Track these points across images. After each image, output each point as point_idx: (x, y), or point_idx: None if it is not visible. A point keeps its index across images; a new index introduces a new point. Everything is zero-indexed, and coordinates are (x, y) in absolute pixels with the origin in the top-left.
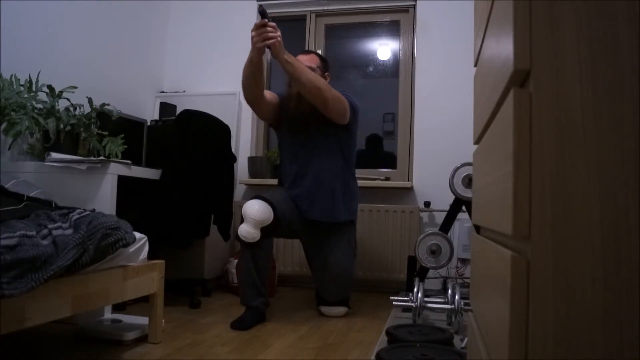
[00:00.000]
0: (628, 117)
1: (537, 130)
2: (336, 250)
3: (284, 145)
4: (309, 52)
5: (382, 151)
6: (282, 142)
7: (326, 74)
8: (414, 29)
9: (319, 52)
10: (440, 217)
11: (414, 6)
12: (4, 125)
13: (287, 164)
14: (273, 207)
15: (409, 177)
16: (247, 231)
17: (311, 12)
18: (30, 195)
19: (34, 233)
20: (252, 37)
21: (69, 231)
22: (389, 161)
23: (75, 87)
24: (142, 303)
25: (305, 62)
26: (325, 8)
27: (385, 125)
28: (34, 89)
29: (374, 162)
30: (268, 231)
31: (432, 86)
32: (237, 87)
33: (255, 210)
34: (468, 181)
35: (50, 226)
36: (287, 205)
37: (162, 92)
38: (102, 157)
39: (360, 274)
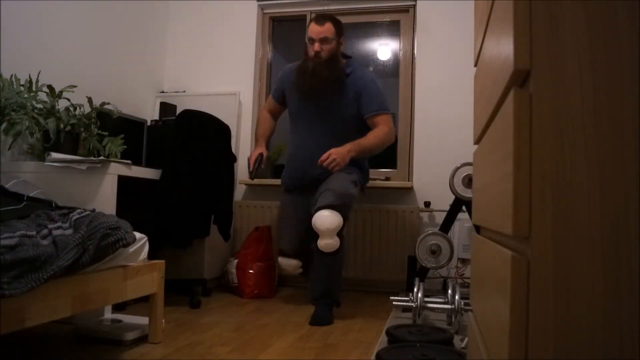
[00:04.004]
0: (628, 117)
1: (537, 130)
2: (334, 180)
3: (300, 114)
4: (322, 20)
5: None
6: (298, 111)
7: (341, 38)
8: (414, 29)
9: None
10: (440, 217)
11: (414, 6)
12: (4, 125)
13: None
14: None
15: (409, 177)
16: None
17: (311, 12)
18: (30, 195)
19: (34, 233)
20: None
21: (69, 231)
22: (389, 161)
23: (75, 87)
24: (142, 303)
25: (321, 34)
26: (325, 8)
27: None
28: (34, 89)
29: (374, 162)
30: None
31: (432, 86)
32: (237, 87)
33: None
34: (468, 181)
35: (50, 226)
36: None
37: (162, 92)
38: (102, 157)
39: (360, 274)
